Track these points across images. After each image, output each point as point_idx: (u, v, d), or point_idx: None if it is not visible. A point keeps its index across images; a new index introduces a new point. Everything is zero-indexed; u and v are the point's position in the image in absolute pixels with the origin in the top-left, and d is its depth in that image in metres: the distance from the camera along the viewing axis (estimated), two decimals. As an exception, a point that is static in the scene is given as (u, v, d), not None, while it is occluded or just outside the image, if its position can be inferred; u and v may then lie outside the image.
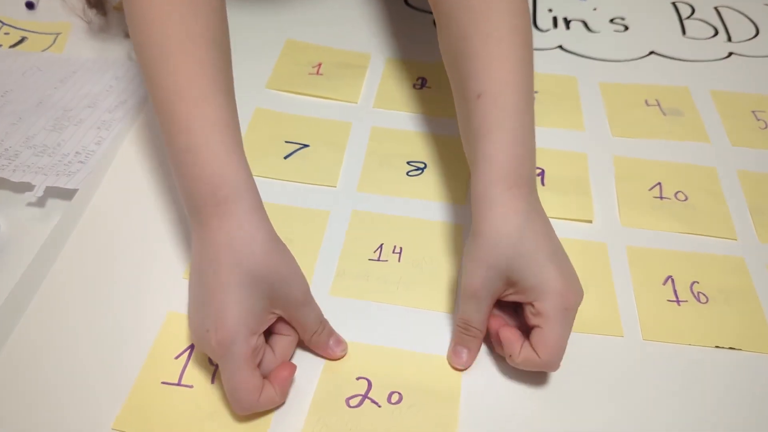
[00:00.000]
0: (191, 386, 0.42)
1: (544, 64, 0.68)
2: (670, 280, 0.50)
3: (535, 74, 0.66)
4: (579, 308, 0.45)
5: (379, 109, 0.62)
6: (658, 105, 0.64)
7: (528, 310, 0.42)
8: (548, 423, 0.42)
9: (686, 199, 0.55)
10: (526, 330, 0.43)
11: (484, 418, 0.42)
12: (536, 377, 0.44)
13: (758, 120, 0.63)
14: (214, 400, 0.41)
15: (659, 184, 0.57)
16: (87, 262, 0.48)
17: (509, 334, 0.43)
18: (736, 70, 0.69)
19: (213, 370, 0.43)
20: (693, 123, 0.62)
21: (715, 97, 0.65)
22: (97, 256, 0.49)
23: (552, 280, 0.41)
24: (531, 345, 0.42)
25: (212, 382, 0.42)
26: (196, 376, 0.43)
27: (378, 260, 0.50)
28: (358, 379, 0.43)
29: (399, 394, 0.43)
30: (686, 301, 0.48)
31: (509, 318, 0.45)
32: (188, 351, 0.44)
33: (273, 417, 0.41)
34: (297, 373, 0.43)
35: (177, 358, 0.43)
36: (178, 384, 0.42)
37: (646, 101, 0.64)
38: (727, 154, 0.60)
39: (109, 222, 0.51)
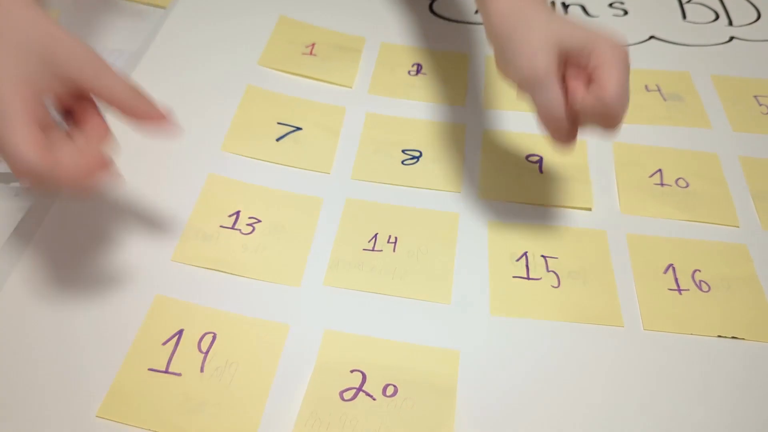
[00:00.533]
0: (179, 374, 0.41)
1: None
2: (671, 269, 0.49)
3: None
4: (578, 299, 0.44)
5: (374, 95, 0.61)
6: (659, 90, 0.63)
7: (589, 63, 0.42)
8: (548, 415, 0.41)
9: (687, 185, 0.54)
10: None
11: (481, 411, 0.41)
12: (534, 370, 0.43)
13: (760, 105, 0.62)
14: (204, 390, 0.40)
15: (660, 170, 0.55)
16: (66, 244, 0.47)
17: (573, 80, 0.43)
18: (737, 55, 0.68)
19: (203, 357, 0.42)
20: (694, 108, 0.61)
21: (716, 82, 0.64)
22: (78, 238, 0.47)
23: (599, 33, 0.43)
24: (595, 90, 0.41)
25: (202, 370, 0.41)
26: (185, 363, 0.41)
27: (372, 250, 0.49)
28: (352, 371, 0.42)
29: (394, 386, 0.41)
30: (688, 289, 0.47)
31: None
32: (176, 337, 0.42)
33: (264, 411, 0.40)
34: (287, 367, 0.42)
35: (165, 344, 0.42)
36: (166, 371, 0.41)
37: (646, 86, 0.63)
38: (729, 139, 0.59)
39: (90, 203, 0.49)
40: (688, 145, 0.58)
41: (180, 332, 0.43)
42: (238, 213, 0.50)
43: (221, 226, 0.49)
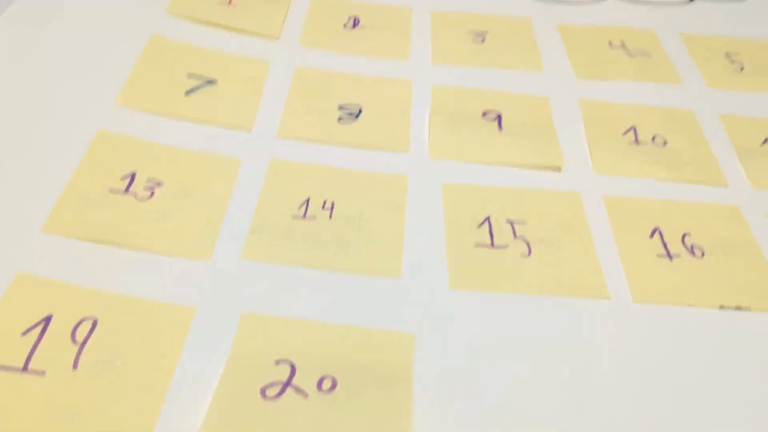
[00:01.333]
0: (43, 372, 0.30)
1: (493, 6, 0.60)
2: (657, 233, 0.41)
3: (483, 15, 0.59)
4: (555, 269, 0.36)
5: (305, 48, 0.52)
6: (623, 46, 0.56)
7: None
8: (524, 406, 0.32)
9: (665, 143, 0.48)
10: None
11: (446, 404, 0.32)
12: (514, 354, 0.34)
13: (733, 62, 0.56)
14: (76, 393, 0.30)
15: (633, 128, 0.49)
16: None
17: None
18: (701, 15, 0.62)
19: (77, 350, 0.31)
20: (664, 65, 0.55)
21: (685, 39, 0.58)
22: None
23: None
24: None
25: (75, 367, 0.31)
26: (51, 358, 0.31)
27: (304, 217, 0.40)
28: (277, 362, 0.33)
29: (333, 379, 0.32)
30: (679, 255, 0.40)
31: None
32: (42, 325, 0.32)
33: (159, 416, 0.30)
34: (192, 361, 0.32)
35: (25, 334, 0.32)
36: (24, 370, 0.30)
37: (609, 42, 0.57)
38: (705, 96, 0.52)
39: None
40: (662, 102, 0.51)
41: (47, 319, 0.33)
42: (133, 175, 0.40)
43: (111, 191, 0.39)
